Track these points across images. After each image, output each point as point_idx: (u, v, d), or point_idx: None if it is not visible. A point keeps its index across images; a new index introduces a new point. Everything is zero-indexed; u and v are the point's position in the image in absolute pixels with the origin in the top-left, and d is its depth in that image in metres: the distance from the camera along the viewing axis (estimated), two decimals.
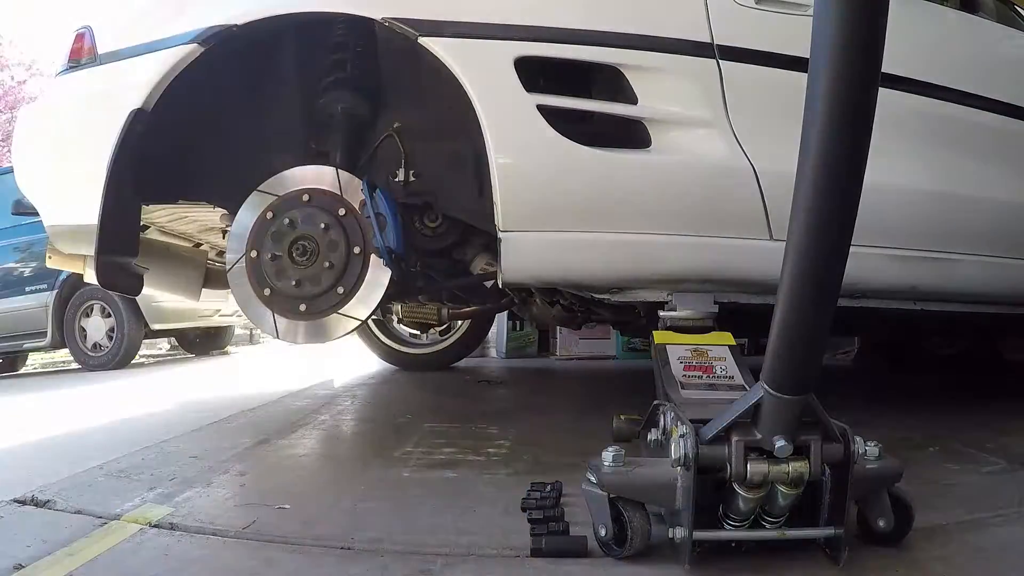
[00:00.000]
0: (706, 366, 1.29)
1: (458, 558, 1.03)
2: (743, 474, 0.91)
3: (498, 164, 1.44)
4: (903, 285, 1.65)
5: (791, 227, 0.83)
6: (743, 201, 1.50)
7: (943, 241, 1.67)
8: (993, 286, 1.78)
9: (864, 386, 3.10)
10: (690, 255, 1.51)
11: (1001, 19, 1.92)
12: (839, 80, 0.75)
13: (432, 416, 2.15)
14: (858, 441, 0.94)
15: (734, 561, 1.00)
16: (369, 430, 1.83)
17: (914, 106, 1.63)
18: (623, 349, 4.05)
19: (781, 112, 1.46)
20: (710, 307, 1.53)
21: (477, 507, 1.24)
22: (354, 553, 1.05)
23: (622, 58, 1.48)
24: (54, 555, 1.01)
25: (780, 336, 0.86)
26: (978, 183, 1.70)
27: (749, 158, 1.50)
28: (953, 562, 1.00)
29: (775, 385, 0.88)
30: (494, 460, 1.58)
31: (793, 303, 0.85)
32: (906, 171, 1.61)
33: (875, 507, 1.02)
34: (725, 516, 0.98)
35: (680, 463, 0.94)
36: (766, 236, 1.52)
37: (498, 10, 1.47)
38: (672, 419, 1.07)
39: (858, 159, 0.78)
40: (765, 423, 0.91)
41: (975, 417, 2.08)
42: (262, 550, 1.06)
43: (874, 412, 2.15)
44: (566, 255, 1.50)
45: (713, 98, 1.50)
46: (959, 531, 1.12)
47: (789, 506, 0.96)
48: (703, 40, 1.49)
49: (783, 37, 1.51)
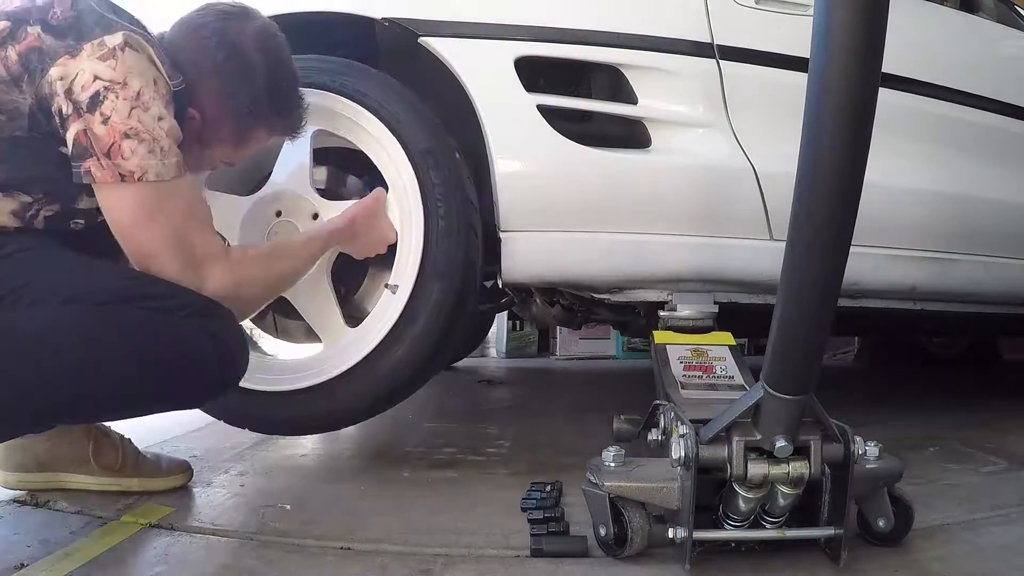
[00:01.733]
0: (706, 366, 1.29)
1: (458, 558, 1.03)
2: (743, 474, 0.91)
3: (498, 164, 1.44)
4: (903, 285, 1.65)
5: (791, 227, 0.83)
6: (743, 201, 1.51)
7: (943, 241, 1.68)
8: (993, 286, 1.78)
9: (864, 386, 3.10)
10: (690, 255, 1.51)
11: (1001, 19, 1.92)
12: (839, 80, 0.75)
13: (432, 416, 2.15)
14: (858, 441, 0.94)
15: (734, 561, 1.00)
16: (369, 430, 1.83)
17: (914, 106, 1.63)
18: (623, 349, 4.05)
19: (781, 112, 1.47)
20: (710, 307, 1.53)
21: (477, 507, 1.24)
22: (354, 553, 1.05)
23: (622, 58, 1.48)
24: (54, 555, 1.01)
25: (780, 336, 0.86)
26: (978, 183, 1.71)
27: (749, 158, 1.50)
28: (952, 562, 1.00)
29: (775, 385, 0.88)
30: (494, 460, 1.59)
31: (793, 303, 0.85)
32: (906, 171, 1.61)
33: (875, 507, 1.02)
34: (725, 516, 0.98)
35: (680, 463, 0.94)
36: (766, 236, 1.52)
37: (498, 10, 1.47)
38: (672, 419, 1.07)
39: (858, 159, 0.78)
40: (765, 423, 0.91)
41: (975, 417, 2.08)
42: (262, 550, 1.06)
43: (874, 412, 2.15)
44: (566, 255, 1.50)
45: (713, 98, 1.50)
46: (959, 531, 1.12)
47: (789, 506, 0.96)
48: (703, 40, 1.49)
49: (783, 37, 1.52)
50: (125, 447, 1.32)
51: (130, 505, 1.23)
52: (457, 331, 1.46)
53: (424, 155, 1.41)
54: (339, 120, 1.47)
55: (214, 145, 1.22)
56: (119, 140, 0.99)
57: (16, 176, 1.02)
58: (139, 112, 1.00)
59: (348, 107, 1.45)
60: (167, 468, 1.35)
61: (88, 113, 0.99)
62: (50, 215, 1.07)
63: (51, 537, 1.08)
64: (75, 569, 0.97)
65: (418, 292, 1.38)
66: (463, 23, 1.46)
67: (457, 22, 1.46)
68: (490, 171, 1.45)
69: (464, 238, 1.41)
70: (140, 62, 1.02)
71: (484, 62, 1.45)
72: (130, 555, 1.04)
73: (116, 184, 1.00)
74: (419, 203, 1.40)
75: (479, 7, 1.48)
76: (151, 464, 1.34)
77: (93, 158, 0.99)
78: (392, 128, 1.43)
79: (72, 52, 1.00)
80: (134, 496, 1.27)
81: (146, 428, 1.75)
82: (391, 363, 1.37)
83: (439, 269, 1.38)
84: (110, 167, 0.99)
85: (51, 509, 1.21)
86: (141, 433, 1.38)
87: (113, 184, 1.00)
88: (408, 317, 1.37)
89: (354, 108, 1.44)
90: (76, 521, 1.16)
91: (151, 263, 1.05)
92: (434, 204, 1.40)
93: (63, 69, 0.99)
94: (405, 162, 1.42)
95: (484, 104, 1.44)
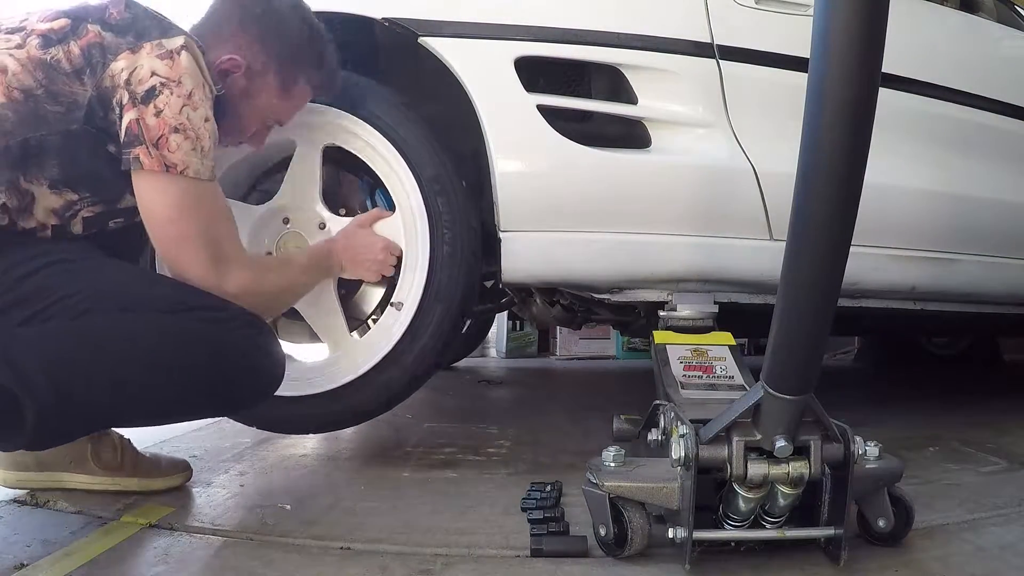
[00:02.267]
0: (706, 366, 1.29)
1: (458, 558, 1.03)
2: (743, 474, 0.91)
3: (498, 164, 1.44)
4: (903, 285, 1.65)
5: (791, 227, 0.83)
6: (743, 201, 1.51)
7: (943, 241, 1.68)
8: (993, 286, 1.78)
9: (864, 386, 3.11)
10: (690, 255, 1.51)
11: (1001, 19, 1.92)
12: (839, 80, 0.75)
13: (432, 416, 2.15)
14: (858, 441, 0.94)
15: (734, 561, 1.00)
16: (369, 430, 1.83)
17: (914, 106, 1.63)
18: (623, 349, 4.05)
19: (781, 112, 1.47)
20: (710, 307, 1.53)
21: (477, 507, 1.24)
22: (354, 553, 1.05)
23: (622, 58, 1.48)
24: (54, 555, 1.01)
25: (780, 336, 0.86)
26: (978, 183, 1.70)
27: (749, 158, 1.50)
28: (953, 562, 1.00)
29: (775, 385, 0.88)
30: (494, 460, 1.59)
31: (793, 303, 0.85)
32: (906, 171, 1.61)
33: (875, 507, 1.02)
34: (725, 516, 0.98)
35: (680, 463, 0.94)
36: (766, 236, 1.52)
37: (498, 10, 1.47)
38: (672, 419, 1.07)
39: (858, 159, 0.78)
40: (765, 423, 0.91)
41: (975, 417, 2.08)
42: (262, 550, 1.06)
43: (874, 412, 2.15)
44: (566, 255, 1.50)
45: (713, 98, 1.50)
46: (959, 531, 1.12)
47: (789, 506, 0.96)
48: (703, 40, 1.49)
49: (783, 37, 1.51)
50: (124, 447, 1.32)
51: (130, 505, 1.23)
52: (453, 344, 1.55)
53: (432, 182, 1.46)
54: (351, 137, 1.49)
55: (258, 95, 1.25)
56: (168, 133, 1.05)
57: (67, 173, 1.07)
58: (188, 110, 1.07)
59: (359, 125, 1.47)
60: (166, 468, 1.35)
61: (143, 104, 1.05)
62: (89, 216, 1.12)
63: (51, 537, 1.08)
64: (75, 569, 0.97)
65: (421, 312, 1.45)
66: (463, 23, 1.46)
67: (457, 22, 1.46)
68: (490, 171, 1.45)
69: (467, 264, 1.47)
70: (192, 66, 1.09)
71: (484, 62, 1.45)
72: (130, 555, 1.04)
73: (160, 174, 1.06)
74: (426, 229, 1.46)
75: (479, 7, 1.48)
76: (150, 464, 1.34)
77: (143, 146, 1.05)
78: (402, 151, 1.47)
79: (133, 48, 1.06)
80: (134, 496, 1.27)
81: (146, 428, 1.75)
82: (393, 374, 1.46)
83: (442, 293, 1.45)
84: (157, 156, 1.05)
85: (51, 509, 1.21)
86: (141, 433, 1.39)
87: (158, 174, 1.06)
88: (411, 334, 1.45)
89: (366, 128, 1.47)
90: (76, 521, 1.16)
91: (180, 256, 1.10)
92: (440, 231, 1.45)
93: (124, 63, 1.05)
94: (414, 186, 1.47)
95: (484, 104, 1.44)
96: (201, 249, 1.10)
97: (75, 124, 1.05)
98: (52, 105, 1.04)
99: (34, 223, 1.07)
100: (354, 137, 1.48)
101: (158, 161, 1.05)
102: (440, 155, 1.48)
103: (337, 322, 1.51)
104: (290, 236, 1.53)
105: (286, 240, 1.53)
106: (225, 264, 1.12)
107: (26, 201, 1.05)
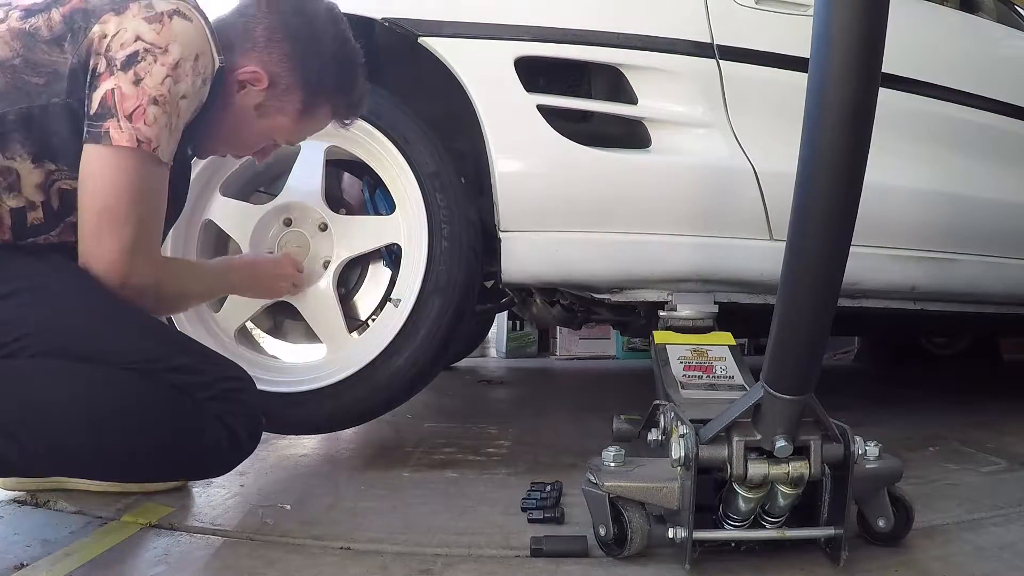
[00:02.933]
0: (706, 366, 1.29)
1: (458, 558, 1.03)
2: (743, 474, 0.91)
3: (498, 164, 1.45)
4: (903, 285, 1.65)
5: (791, 227, 0.83)
6: (743, 201, 1.51)
7: (943, 241, 1.68)
8: (993, 286, 1.78)
9: (864, 386, 3.10)
10: (690, 255, 1.51)
11: (1001, 19, 1.92)
12: (839, 80, 0.75)
13: (432, 416, 2.15)
14: (858, 441, 0.94)
15: (734, 561, 1.00)
16: (369, 430, 1.83)
17: (914, 106, 1.63)
18: (623, 349, 4.05)
19: (781, 112, 1.47)
20: (710, 307, 1.53)
21: (477, 507, 1.24)
22: (354, 553, 1.05)
23: (622, 58, 1.48)
24: (54, 555, 1.01)
25: (780, 336, 0.86)
26: (978, 183, 1.71)
27: (749, 158, 1.50)
28: (953, 562, 1.00)
29: (775, 385, 0.88)
30: (494, 460, 1.59)
31: (793, 303, 0.85)
32: (906, 171, 1.61)
33: (875, 507, 1.02)
34: (725, 516, 0.98)
35: (680, 463, 0.94)
36: (766, 236, 1.52)
37: (498, 10, 1.47)
38: (672, 419, 1.07)
39: (858, 159, 0.78)
40: (765, 423, 0.91)
41: (975, 417, 2.08)
42: (262, 550, 1.06)
43: (874, 412, 2.15)
44: (566, 255, 1.50)
45: (713, 98, 1.50)
46: (959, 531, 1.12)
47: (789, 506, 0.96)
48: (703, 40, 1.49)
49: (783, 37, 1.52)
50: None
51: (130, 505, 1.23)
52: (454, 342, 1.51)
53: (431, 178, 1.46)
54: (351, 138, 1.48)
55: (274, 115, 1.17)
56: (146, 104, 0.96)
57: (47, 147, 0.99)
58: (171, 82, 0.98)
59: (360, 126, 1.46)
60: None
61: (121, 71, 0.96)
62: (67, 188, 1.02)
63: (51, 537, 1.08)
64: (75, 569, 0.97)
65: (419, 307, 1.44)
66: (463, 23, 1.46)
67: (457, 22, 1.46)
68: (490, 171, 1.46)
69: (465, 259, 1.46)
70: (187, 32, 1.00)
71: (484, 62, 1.46)
72: (130, 555, 1.04)
73: (129, 150, 0.97)
74: (424, 224, 1.46)
75: (479, 7, 1.48)
76: None
77: (114, 119, 0.96)
78: (402, 150, 1.47)
79: (118, 9, 0.98)
80: (134, 496, 1.27)
81: None
82: (391, 371, 1.43)
83: (440, 287, 1.44)
84: (129, 130, 0.96)
85: (51, 509, 1.21)
86: None
87: (126, 149, 0.96)
88: (409, 330, 1.44)
89: (366, 128, 1.47)
90: (76, 521, 1.16)
91: (101, 233, 0.99)
92: (438, 226, 1.45)
93: (106, 26, 0.97)
94: (413, 183, 1.47)
95: (484, 104, 1.44)
96: (128, 234, 0.99)
97: (57, 97, 0.97)
98: (31, 76, 0.96)
99: (23, 202, 0.99)
100: (355, 136, 1.48)
101: (129, 135, 0.96)
102: (439, 153, 1.48)
103: (336, 322, 1.50)
104: (291, 236, 1.53)
105: (287, 241, 1.53)
106: (141, 255, 1.02)
107: (11, 179, 0.98)
